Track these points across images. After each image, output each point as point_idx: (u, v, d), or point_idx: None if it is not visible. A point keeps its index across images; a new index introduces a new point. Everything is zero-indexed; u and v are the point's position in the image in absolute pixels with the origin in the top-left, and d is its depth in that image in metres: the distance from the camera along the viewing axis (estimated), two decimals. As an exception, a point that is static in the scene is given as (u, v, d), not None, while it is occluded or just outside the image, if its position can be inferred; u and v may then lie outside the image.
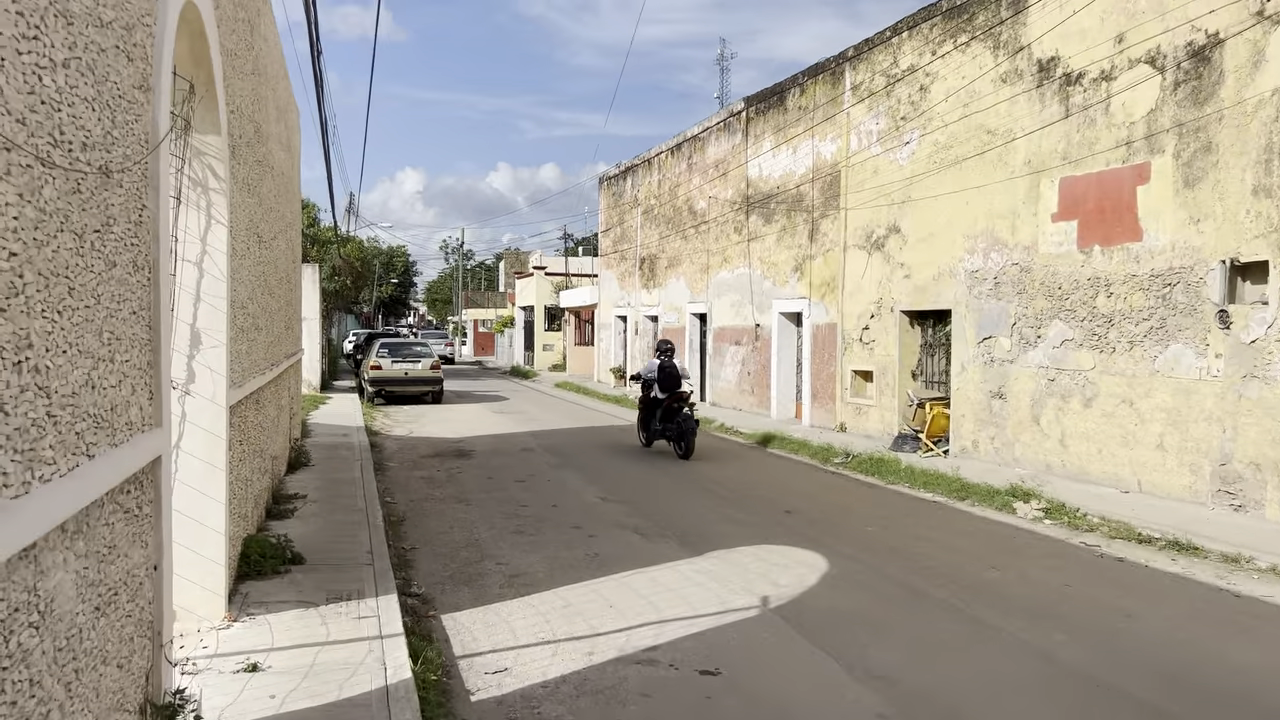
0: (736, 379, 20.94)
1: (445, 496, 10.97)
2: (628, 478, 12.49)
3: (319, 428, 16.85)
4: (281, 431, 10.64)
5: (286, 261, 11.01)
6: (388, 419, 20.15)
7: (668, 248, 25.04)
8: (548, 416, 20.95)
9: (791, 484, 12.23)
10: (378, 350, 23.90)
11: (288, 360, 10.86)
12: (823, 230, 17.33)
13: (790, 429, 17.16)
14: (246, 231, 6.97)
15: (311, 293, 24.83)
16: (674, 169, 24.77)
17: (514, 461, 13.87)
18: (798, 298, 18.22)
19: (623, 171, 29.19)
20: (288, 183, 11.38)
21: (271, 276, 8.97)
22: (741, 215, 20.58)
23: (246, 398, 7.00)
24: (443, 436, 16.96)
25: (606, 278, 30.79)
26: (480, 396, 26.85)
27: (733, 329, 21.10)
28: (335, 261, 30.75)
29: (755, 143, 20.01)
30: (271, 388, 9.16)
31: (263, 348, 8.12)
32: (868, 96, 15.92)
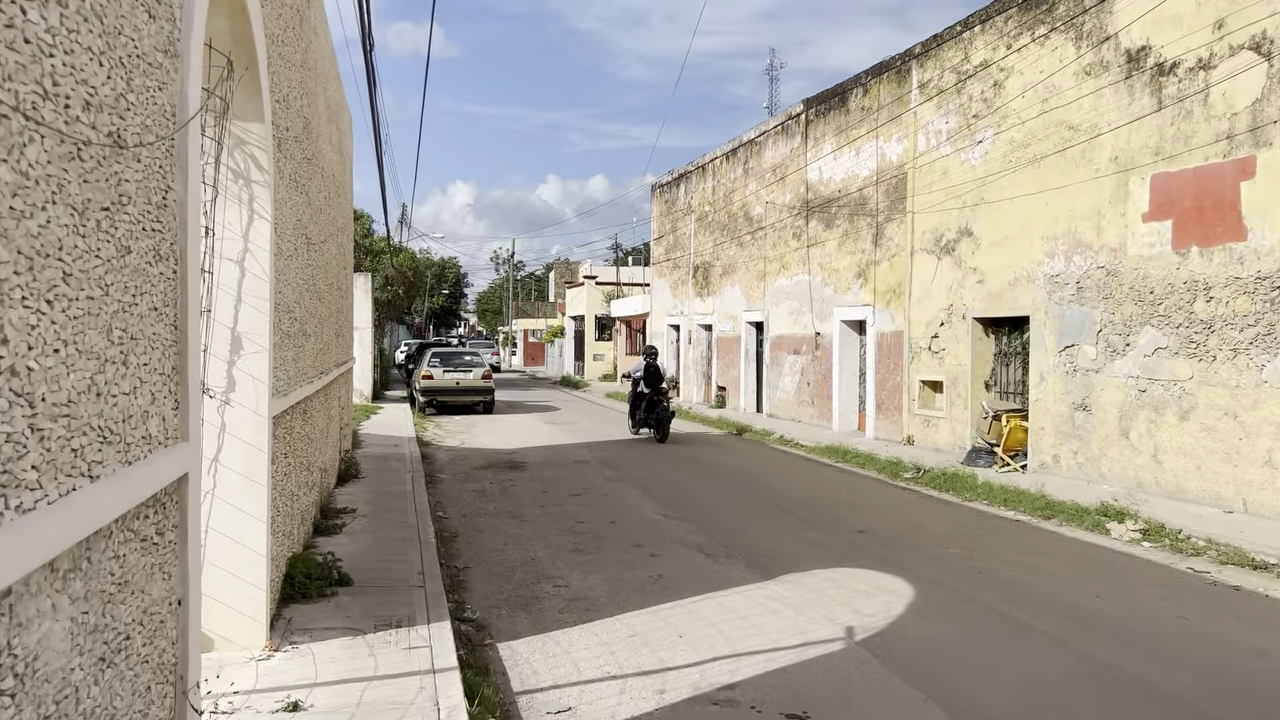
0: (795, 389, 20.28)
1: (499, 511, 10.52)
2: (688, 493, 11.94)
3: (370, 438, 16.56)
4: (331, 443, 10.29)
5: (337, 267, 10.68)
6: (439, 429, 19.84)
7: (722, 255, 24.48)
8: (600, 428, 20.48)
9: (861, 500, 11.57)
10: (429, 359, 23.67)
11: (338, 369, 10.52)
12: (888, 234, 16.64)
13: (854, 442, 16.46)
14: (294, 231, 6.59)
15: (364, 302, 24.72)
16: (729, 175, 24.22)
17: (568, 474, 13.39)
18: (861, 305, 17.53)
19: (675, 179, 28.71)
20: (339, 187, 11.06)
21: (321, 281, 8.61)
22: (800, 220, 19.95)
23: (293, 407, 6.60)
24: (494, 448, 16.56)
25: (659, 286, 30.31)
26: (531, 407, 26.50)
27: (791, 338, 20.45)
28: (388, 271, 30.69)
29: (815, 145, 19.39)
30: (320, 397, 8.79)
31: (311, 355, 7.73)
32: (936, 94, 15.23)
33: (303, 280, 7.15)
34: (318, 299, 8.33)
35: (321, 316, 8.74)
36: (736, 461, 15.10)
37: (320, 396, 8.78)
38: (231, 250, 4.96)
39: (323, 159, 8.70)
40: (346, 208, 12.78)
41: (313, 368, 7.89)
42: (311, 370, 7.80)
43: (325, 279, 9.16)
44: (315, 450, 8.30)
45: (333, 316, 10.10)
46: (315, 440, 8.33)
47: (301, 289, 7.05)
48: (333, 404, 10.43)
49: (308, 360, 7.50)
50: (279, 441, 5.90)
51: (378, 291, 30.15)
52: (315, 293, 8.09)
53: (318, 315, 8.33)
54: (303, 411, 7.24)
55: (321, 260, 8.69)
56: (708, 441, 17.94)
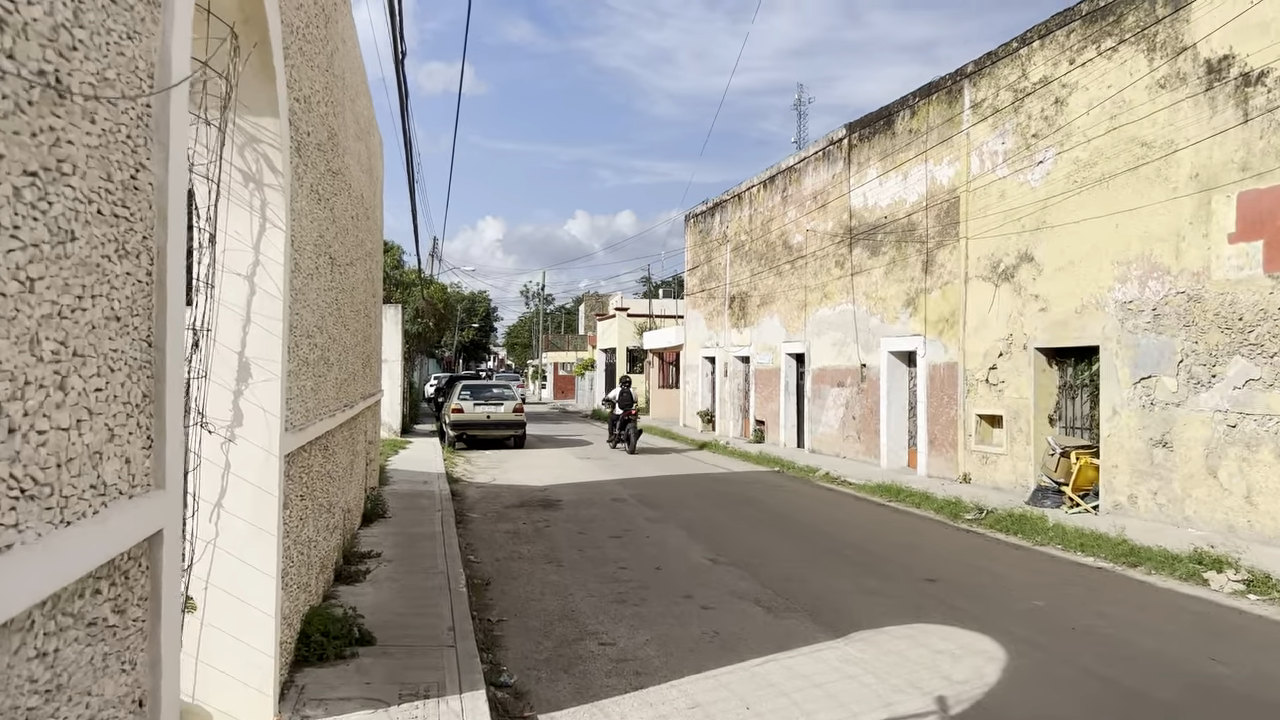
0: (839, 424, 19.43)
1: (534, 555, 9.78)
2: (736, 535, 11.13)
3: (398, 474, 15.92)
4: (356, 481, 9.63)
5: (365, 294, 10.10)
6: (469, 465, 19.17)
7: (760, 285, 23.77)
8: (635, 463, 19.71)
9: (924, 544, 10.70)
10: (459, 392, 23.07)
11: (364, 402, 9.89)
12: (939, 261, 15.86)
13: (905, 479, 15.57)
14: (315, 248, 5.97)
15: (394, 334, 24.24)
16: (766, 203, 23.58)
17: (606, 514, 12.63)
18: (910, 335, 16.72)
19: (710, 208, 28.13)
20: (368, 210, 10.52)
21: (346, 306, 7.99)
22: (844, 248, 19.22)
23: (312, 443, 5.94)
24: (527, 484, 15.85)
25: (693, 318, 29.62)
26: (563, 441, 25.80)
27: (835, 370, 19.64)
28: (418, 303, 30.27)
29: (859, 171, 18.70)
30: (344, 432, 8.14)
31: (334, 386, 7.09)
32: (991, 114, 14.50)
33: (325, 303, 6.52)
34: (342, 325, 7.71)
35: (346, 345, 8.12)
36: (783, 500, 14.27)
37: (344, 431, 8.13)
38: (240, 263, 4.33)
39: (350, 175, 8.13)
40: (376, 233, 12.24)
41: (336, 400, 7.25)
42: (335, 402, 7.15)
43: (351, 305, 8.55)
44: (338, 490, 7.63)
45: (359, 346, 9.48)
46: (338, 479, 7.67)
47: (324, 313, 6.42)
48: (358, 439, 9.78)
49: (330, 391, 6.86)
50: (294, 482, 5.22)
51: (408, 324, 29.72)
52: (340, 318, 7.47)
53: (342, 343, 7.70)
54: (324, 448, 6.57)
55: (347, 284, 8.09)
56: (750, 479, 17.12)
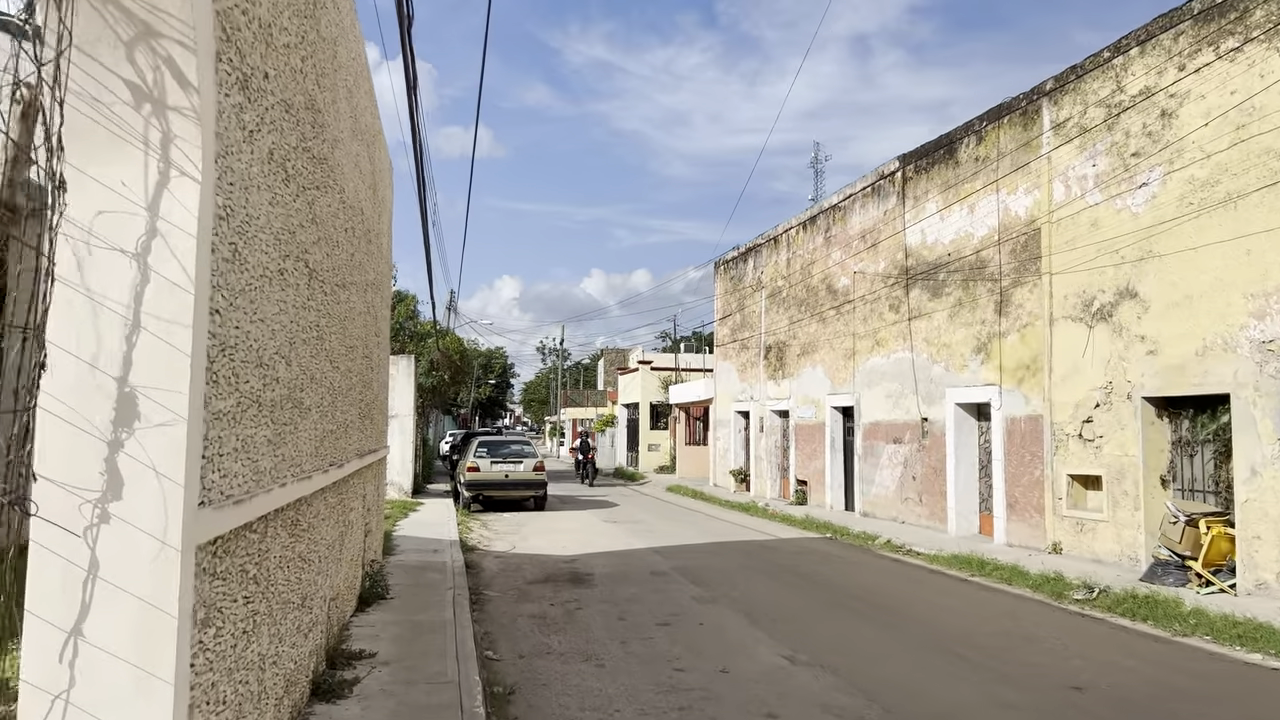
0: (896, 484, 17.49)
1: (567, 651, 7.90)
2: (807, 621, 9.22)
3: (405, 541, 14.08)
4: (349, 558, 7.82)
5: (365, 329, 8.41)
6: (486, 530, 17.31)
7: (800, 333, 22.02)
8: (670, 528, 17.79)
9: (1041, 634, 8.75)
10: (475, 450, 21.29)
11: (360, 460, 8.14)
12: (1016, 301, 14.08)
13: (982, 548, 13.60)
14: (279, 244, 4.28)
15: (406, 386, 22.58)
16: (806, 245, 21.95)
17: (647, 592, 10.74)
18: (982, 384, 14.88)
19: (742, 254, 26.55)
20: (370, 233, 8.89)
21: (335, 338, 6.29)
22: (899, 290, 17.49)
23: (270, 518, 4.18)
24: (551, 554, 13.96)
25: (724, 370, 27.86)
26: (586, 502, 23.89)
27: (890, 424, 17.76)
28: (433, 355, 28.66)
29: (915, 206, 17.06)
30: (330, 498, 6.38)
31: (312, 438, 5.34)
32: (1079, 134, 12.85)
33: (297, 326, 4.81)
34: (329, 361, 5.99)
35: (335, 388, 6.39)
36: (847, 575, 12.32)
37: (330, 497, 6.36)
38: (121, 231, 2.61)
39: (342, 173, 6.48)
40: (382, 265, 10.60)
41: (315, 457, 5.49)
42: (313, 460, 5.40)
43: (344, 339, 6.85)
44: (318, 576, 5.83)
45: (355, 391, 7.76)
46: (319, 561, 5.88)
47: (293, 337, 4.70)
48: (352, 505, 8.00)
49: (305, 445, 5.11)
50: (229, 581, 3.45)
51: (421, 377, 28.08)
52: (324, 351, 5.75)
53: (327, 384, 5.98)
54: (291, 523, 4.81)
55: (337, 311, 6.39)
56: (801, 547, 15.17)
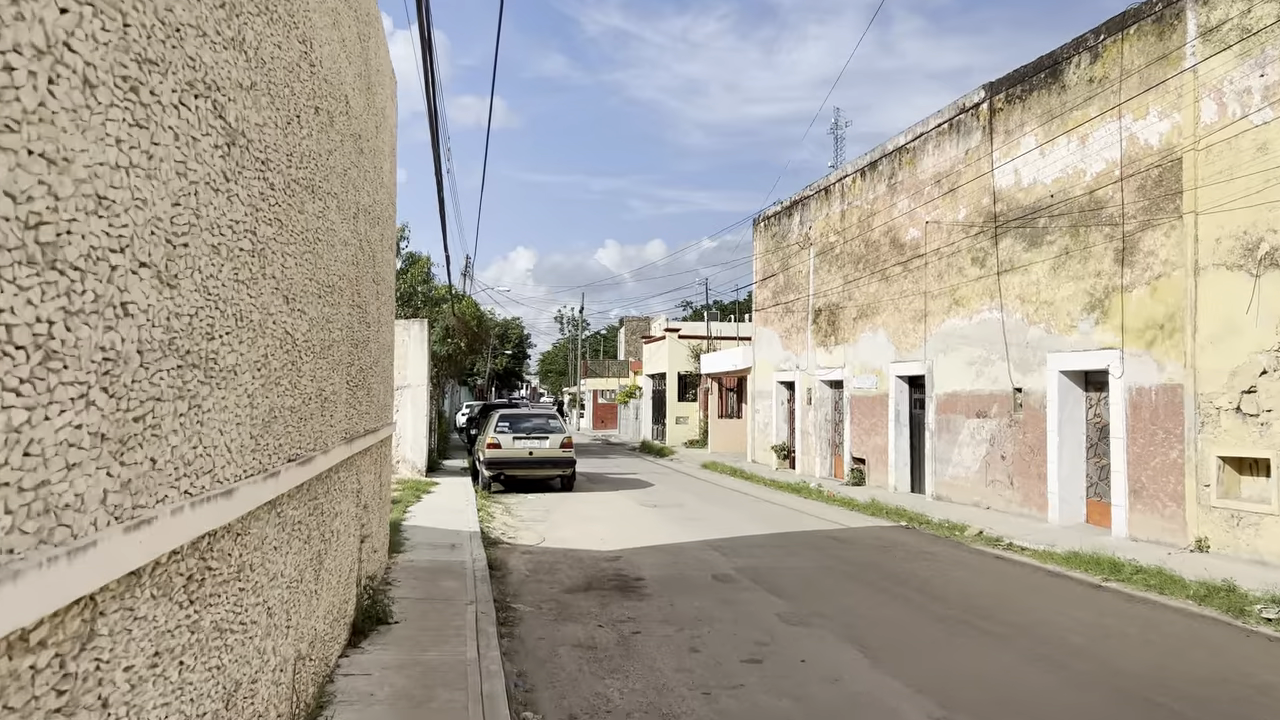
0: (979, 465, 15.24)
1: (634, 708, 5.73)
2: (937, 653, 7.03)
3: (417, 533, 11.98)
4: (334, 582, 5.65)
5: (354, 269, 6.21)
6: (509, 516, 15.19)
7: (857, 294, 19.69)
8: (718, 514, 15.62)
9: (1273, 680, 6.52)
10: (496, 424, 19.13)
11: (350, 446, 5.96)
12: (1144, 247, 11.74)
13: (1100, 543, 11.37)
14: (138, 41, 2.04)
15: (419, 354, 20.43)
16: (865, 195, 19.56)
17: (715, 606, 8.57)
18: (1096, 348, 12.56)
19: (786, 208, 24.16)
20: (363, 142, 6.67)
21: (294, 264, 4.08)
22: (985, 241, 15.14)
23: (187, 549, 1.99)
24: (589, 548, 11.82)
25: (764, 336, 25.58)
26: (617, 481, 21.75)
27: (972, 396, 15.48)
28: (449, 321, 26.50)
29: (1006, 141, 14.65)
30: (297, 508, 4.19)
31: (239, 420, 3.15)
32: (1238, 40, 10.43)
33: (202, 215, 2.60)
34: (281, 298, 3.79)
35: (298, 341, 4.20)
36: (949, 579, 10.12)
37: (294, 508, 4.18)
38: None
39: (306, 15, 4.24)
40: (380, 192, 8.34)
41: (253, 450, 3.31)
42: (242, 457, 3.21)
43: (315, 272, 4.65)
44: (264, 641, 3.65)
45: (339, 351, 5.57)
46: (282, 606, 3.71)
47: (189, 232, 2.49)
48: (338, 508, 5.82)
49: (224, 432, 2.92)
50: None
51: (436, 344, 25.96)
52: (266, 277, 3.55)
53: (279, 333, 3.78)
54: (191, 578, 2.63)
55: (298, 225, 4.19)
56: (878, 540, 12.97)
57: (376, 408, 7.98)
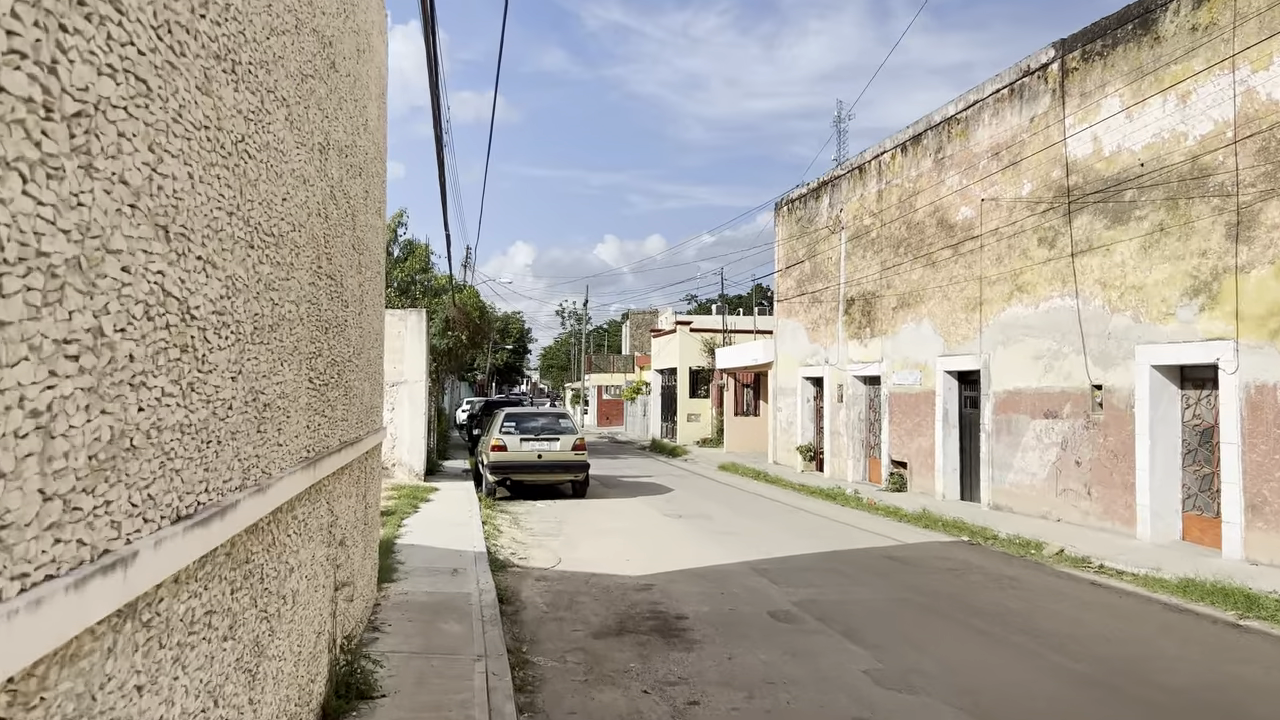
0: (1048, 471, 13.52)
1: None
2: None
3: (413, 555, 10.26)
4: (286, 670, 3.92)
5: (319, 222, 4.50)
6: (517, 528, 13.49)
7: (897, 281, 17.97)
8: (752, 526, 13.90)
9: None
10: (501, 424, 17.40)
11: (315, 470, 4.26)
12: (1267, 220, 10.02)
13: (1212, 567, 9.66)
14: None
15: (417, 347, 18.71)
16: (906, 172, 17.82)
17: (786, 662, 6.85)
18: (1201, 340, 10.85)
19: (813, 190, 22.42)
20: (338, 65, 4.97)
21: (193, 176, 2.34)
22: (1055, 219, 13.41)
23: None
24: (614, 573, 10.10)
25: (787, 329, 23.85)
26: (632, 485, 20.02)
27: (1039, 393, 13.77)
28: (449, 312, 24.76)
29: (1083, 105, 12.92)
30: (219, 577, 2.46)
31: (81, 449, 1.42)
32: (1397, -34, 8.70)
33: None
34: (157, 233, 2.06)
35: (218, 316, 2.47)
36: (1052, 614, 8.41)
37: (211, 583, 2.46)
38: None
39: None
40: (364, 138, 6.61)
41: (118, 498, 1.58)
42: (87, 519, 1.49)
43: (251, 210, 2.93)
44: None
45: (294, 331, 3.86)
46: None
47: None
48: (297, 559, 4.08)
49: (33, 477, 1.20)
50: None
51: (435, 338, 24.23)
52: (137, 199, 1.82)
53: (173, 300, 2.05)
54: None
55: (215, 119, 2.45)
56: (941, 560, 11.27)
57: (360, 412, 6.26)
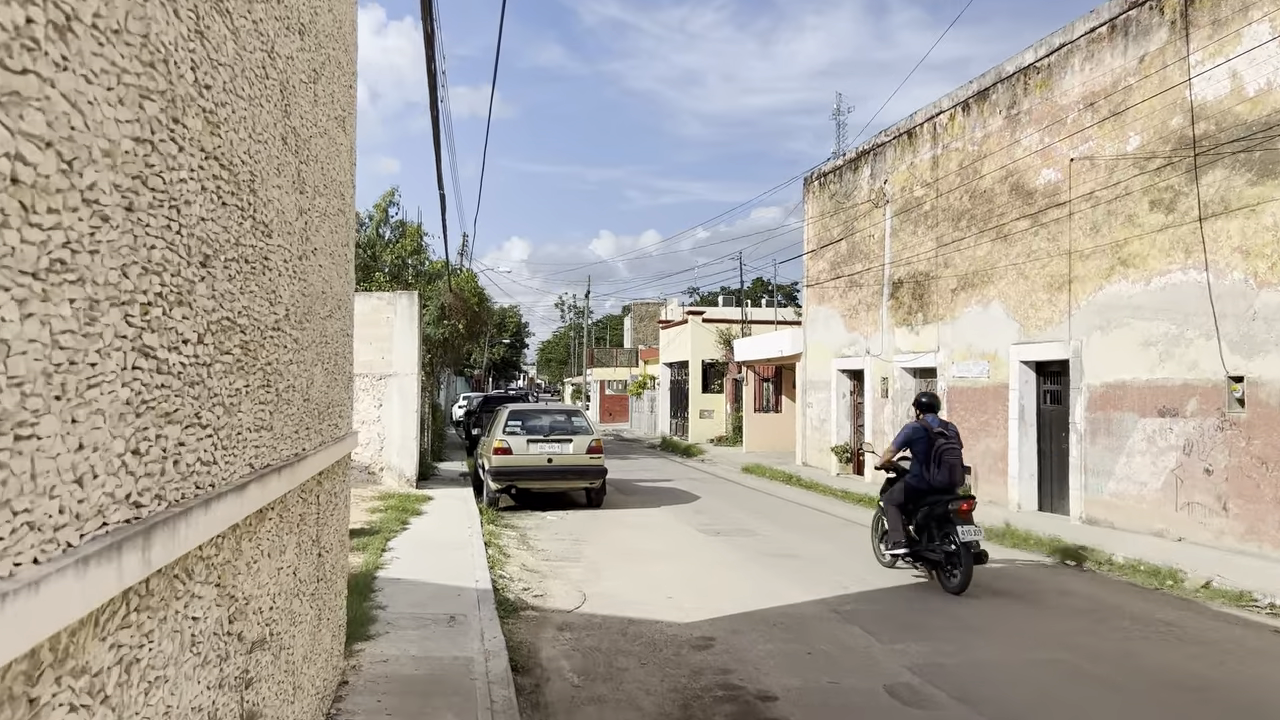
0: (1164, 480, 11.28)
1: None
2: None
3: (399, 593, 7.97)
4: None
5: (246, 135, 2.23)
6: (526, 548, 11.22)
7: (957, 259, 15.71)
8: (807, 545, 11.64)
9: None
10: (505, 423, 15.10)
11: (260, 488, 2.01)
12: None
13: None
14: None
15: (407, 335, 16.42)
16: (969, 133, 15.55)
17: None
18: (1396, 319, 8.59)
19: (850, 161, 20.13)
20: None
21: None
22: (1175, 176, 11.15)
23: None
24: (658, 618, 7.81)
25: (819, 316, 21.58)
26: (652, 491, 17.74)
27: (1150, 386, 11.52)
28: (445, 298, 22.46)
29: (1215, 36, 10.65)
30: None
31: None
32: None
33: None
34: None
35: None
36: (1265, 684, 6.17)
37: None
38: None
39: None
40: (330, 67, 4.33)
41: None
42: None
43: None
44: None
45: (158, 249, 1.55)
46: None
47: None
48: None
49: None
50: None
51: (429, 327, 21.93)
52: None
53: None
54: None
55: None
56: (1063, 596, 9.01)
57: (303, 414, 3.97)
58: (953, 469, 9.12)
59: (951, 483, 9.14)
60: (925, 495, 9.18)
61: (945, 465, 9.10)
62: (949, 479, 9.11)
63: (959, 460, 9.20)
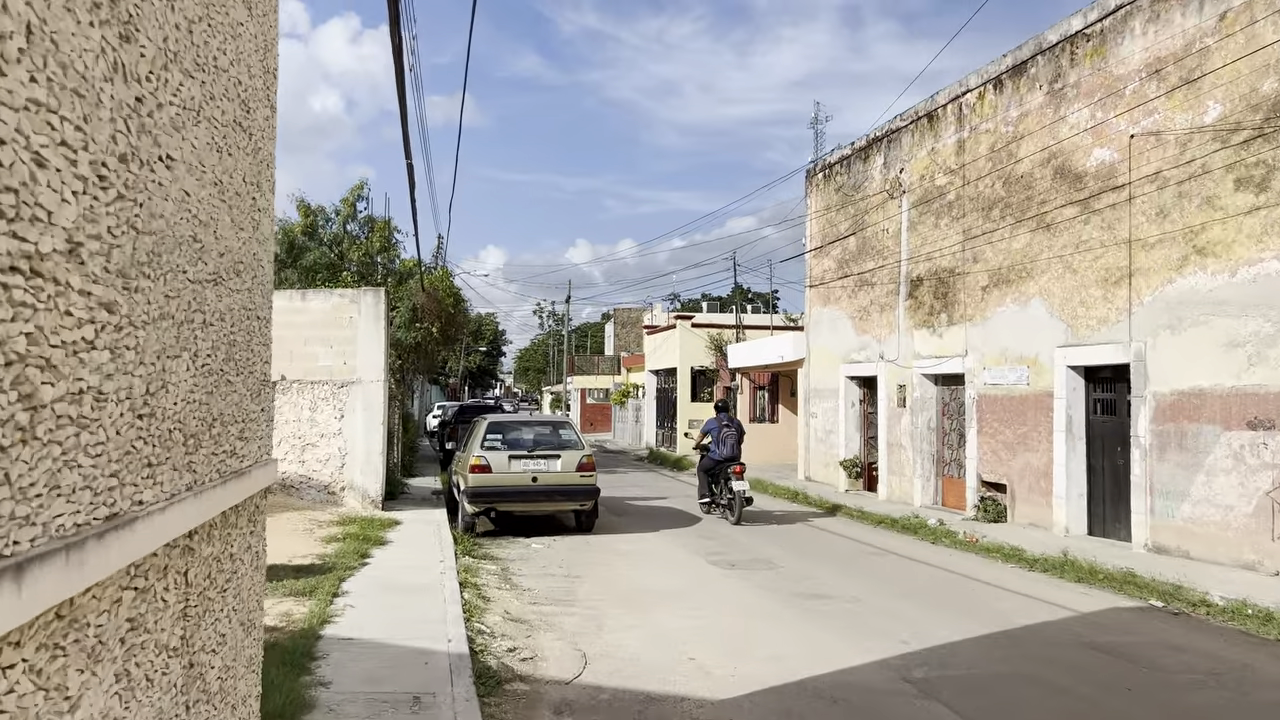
0: (1256, 503, 9.69)
1: None
2: None
3: (349, 659, 6.18)
4: None
5: None
6: (509, 587, 9.45)
7: (989, 252, 14.12)
8: (844, 583, 9.94)
9: None
10: (485, 436, 13.29)
11: None
12: None
13: None
14: None
15: (372, 335, 14.60)
16: (1003, 112, 13.98)
17: None
18: None
19: (860, 150, 18.53)
20: None
21: None
22: (1267, 149, 9.60)
23: None
24: (683, 694, 6.06)
25: (824, 319, 19.96)
26: (646, 512, 15.97)
27: (1235, 394, 9.94)
28: (417, 298, 20.64)
29: (1317, -16, 9.12)
30: None
31: None
32: None
33: None
34: None
35: None
36: None
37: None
38: None
39: None
40: None
41: None
42: None
43: None
44: None
45: None
46: None
47: None
48: None
49: None
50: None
51: (400, 330, 20.11)
52: None
53: None
54: None
55: None
56: (1164, 651, 7.38)
57: (154, 440, 2.20)
58: (733, 446, 14.48)
59: (732, 456, 14.42)
60: (719, 464, 14.58)
61: (727, 444, 14.51)
62: (731, 453, 14.46)
63: (737, 441, 14.55)
